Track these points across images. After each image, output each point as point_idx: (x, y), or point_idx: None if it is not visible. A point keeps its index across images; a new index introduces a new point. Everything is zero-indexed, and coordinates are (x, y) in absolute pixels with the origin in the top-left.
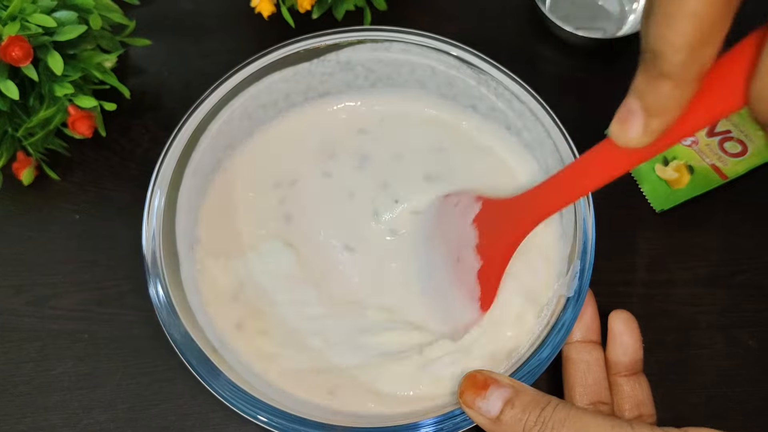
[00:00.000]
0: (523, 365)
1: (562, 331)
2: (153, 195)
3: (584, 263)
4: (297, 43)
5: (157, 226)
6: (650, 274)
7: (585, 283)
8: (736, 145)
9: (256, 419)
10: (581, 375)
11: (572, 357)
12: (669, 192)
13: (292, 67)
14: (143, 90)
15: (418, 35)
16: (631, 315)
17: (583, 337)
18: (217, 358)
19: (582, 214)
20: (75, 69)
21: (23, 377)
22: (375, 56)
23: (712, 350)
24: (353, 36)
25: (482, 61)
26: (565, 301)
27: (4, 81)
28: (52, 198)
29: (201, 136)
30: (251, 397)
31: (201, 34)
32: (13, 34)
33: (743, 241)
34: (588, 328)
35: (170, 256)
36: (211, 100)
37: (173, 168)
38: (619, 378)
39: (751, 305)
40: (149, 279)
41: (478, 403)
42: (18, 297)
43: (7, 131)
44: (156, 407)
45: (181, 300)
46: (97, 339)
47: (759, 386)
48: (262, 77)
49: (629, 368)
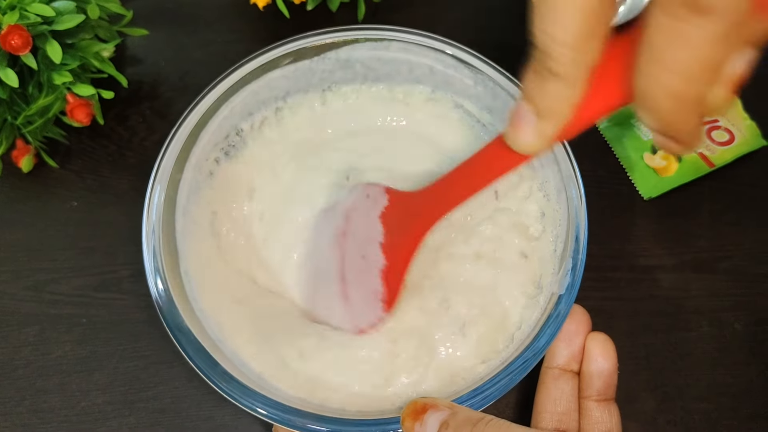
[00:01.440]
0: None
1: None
2: (153, 190)
3: (576, 260)
4: (299, 40)
5: (156, 221)
6: (638, 259)
7: (577, 280)
8: (724, 134)
9: (256, 411)
10: (553, 402)
11: (548, 384)
12: (657, 180)
13: (293, 64)
14: (140, 79)
15: (417, 35)
16: (609, 338)
17: (565, 363)
18: (217, 352)
19: (575, 211)
20: (73, 58)
21: (22, 360)
22: (374, 55)
23: (699, 333)
24: (353, 35)
25: (479, 61)
26: (557, 299)
27: (4, 69)
28: (51, 185)
29: (201, 132)
30: (249, 389)
31: (197, 24)
32: (12, 23)
33: (729, 227)
34: (574, 355)
35: (170, 251)
36: (211, 96)
37: (173, 164)
38: (590, 402)
39: (736, 290)
40: (149, 274)
41: (416, 429)
42: (17, 282)
43: (7, 119)
44: (152, 390)
45: (180, 294)
46: (95, 323)
47: (744, 369)
48: (262, 74)
49: (601, 393)
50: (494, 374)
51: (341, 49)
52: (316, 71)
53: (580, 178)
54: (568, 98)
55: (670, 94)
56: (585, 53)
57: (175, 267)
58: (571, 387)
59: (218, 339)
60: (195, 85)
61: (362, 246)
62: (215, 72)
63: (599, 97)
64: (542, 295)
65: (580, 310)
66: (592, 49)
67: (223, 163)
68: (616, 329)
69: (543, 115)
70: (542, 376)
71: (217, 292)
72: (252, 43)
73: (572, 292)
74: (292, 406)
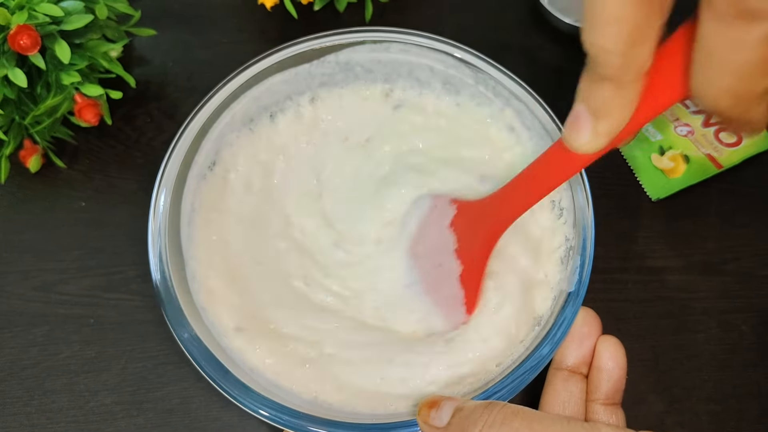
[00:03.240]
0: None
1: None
2: (158, 194)
3: (584, 258)
4: (297, 44)
5: (162, 226)
6: (646, 261)
7: (585, 279)
8: (731, 135)
9: (258, 414)
10: (561, 404)
11: (557, 385)
12: (665, 181)
13: (293, 69)
14: (147, 80)
15: (417, 35)
16: (620, 342)
17: (575, 365)
18: (223, 356)
19: (581, 209)
20: (81, 58)
21: (30, 361)
22: (374, 57)
23: (707, 335)
24: (353, 37)
25: (480, 61)
26: (566, 297)
27: (12, 69)
28: (59, 186)
29: (203, 140)
30: (257, 394)
31: (205, 24)
32: (21, 23)
33: (737, 229)
34: (584, 357)
35: (175, 254)
36: (212, 103)
37: (177, 171)
38: (596, 405)
39: (744, 292)
40: (155, 277)
41: (431, 415)
42: (25, 282)
43: (15, 119)
44: (161, 390)
45: (186, 298)
46: (103, 323)
47: (752, 371)
48: (263, 79)
49: (609, 397)
50: (506, 374)
51: (341, 52)
52: (316, 75)
53: (587, 180)
54: (622, 99)
55: (729, 93)
56: (635, 58)
57: (181, 271)
58: (580, 390)
59: (225, 345)
60: (202, 85)
61: (437, 255)
62: (223, 72)
63: (654, 95)
64: (552, 293)
65: (592, 313)
66: (641, 54)
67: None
68: (623, 331)
69: (598, 115)
70: (550, 377)
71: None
72: (260, 43)
73: (581, 290)
74: (302, 411)
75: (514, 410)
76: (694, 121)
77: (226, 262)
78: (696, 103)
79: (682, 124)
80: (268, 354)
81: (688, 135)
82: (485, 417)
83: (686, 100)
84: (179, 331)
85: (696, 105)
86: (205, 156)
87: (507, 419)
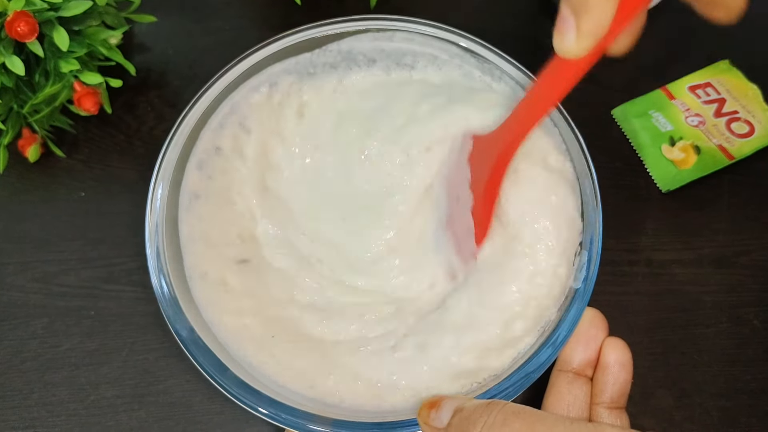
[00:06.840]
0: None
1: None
2: (156, 187)
3: (591, 254)
4: (298, 33)
5: (160, 220)
6: (656, 254)
7: (592, 275)
8: (744, 126)
9: (258, 412)
10: (566, 407)
11: (561, 388)
12: (675, 172)
13: (294, 58)
14: (148, 67)
15: (422, 24)
16: (627, 346)
17: (580, 368)
18: (222, 352)
19: (589, 203)
20: (80, 45)
21: (30, 353)
22: (377, 45)
23: (717, 329)
24: (355, 25)
25: (485, 50)
26: (573, 293)
27: (10, 57)
28: (58, 175)
29: (201, 131)
30: (256, 391)
31: (206, 11)
32: (18, 9)
33: (748, 221)
34: (590, 359)
35: (173, 249)
36: (212, 92)
37: (175, 162)
38: (601, 408)
39: (755, 285)
40: (152, 273)
41: (432, 415)
42: (24, 274)
43: (13, 108)
44: (162, 383)
45: (184, 293)
46: (103, 316)
47: (763, 365)
48: (263, 68)
49: (614, 400)
50: (511, 372)
51: (344, 40)
52: (317, 63)
53: (594, 171)
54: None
55: None
56: None
57: (179, 266)
58: (584, 393)
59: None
60: (203, 73)
61: (457, 189)
62: (224, 60)
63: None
64: (558, 288)
65: (598, 314)
66: None
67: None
68: (632, 324)
69: (579, 12)
70: (554, 378)
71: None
72: (262, 30)
73: (588, 287)
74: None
75: (515, 410)
76: (706, 111)
77: (225, 256)
78: None
79: (693, 114)
80: (268, 350)
81: (699, 125)
82: (485, 417)
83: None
84: (178, 329)
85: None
86: (204, 146)
87: (507, 420)
